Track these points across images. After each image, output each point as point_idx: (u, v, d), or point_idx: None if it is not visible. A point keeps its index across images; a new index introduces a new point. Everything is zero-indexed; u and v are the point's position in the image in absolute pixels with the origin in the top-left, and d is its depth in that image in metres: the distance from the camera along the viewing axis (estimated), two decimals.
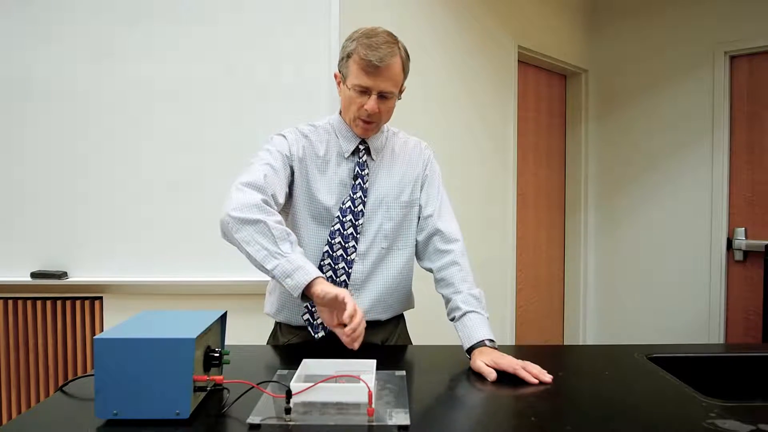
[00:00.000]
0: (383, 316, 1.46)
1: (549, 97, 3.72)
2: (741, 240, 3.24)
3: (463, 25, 2.87)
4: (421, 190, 1.49)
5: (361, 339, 1.15)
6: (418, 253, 1.50)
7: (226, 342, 1.20)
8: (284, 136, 1.41)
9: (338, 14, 2.16)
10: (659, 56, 3.51)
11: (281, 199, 1.33)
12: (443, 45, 2.76)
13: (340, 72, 1.40)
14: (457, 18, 2.83)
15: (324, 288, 1.15)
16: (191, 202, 2.17)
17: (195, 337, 0.95)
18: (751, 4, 3.19)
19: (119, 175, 2.17)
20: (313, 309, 1.39)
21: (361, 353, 1.18)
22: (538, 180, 3.63)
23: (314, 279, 1.16)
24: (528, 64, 3.45)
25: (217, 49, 2.17)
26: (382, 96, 1.35)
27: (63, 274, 2.16)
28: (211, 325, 1.07)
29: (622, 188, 3.71)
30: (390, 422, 0.93)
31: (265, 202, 1.23)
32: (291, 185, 1.40)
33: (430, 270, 1.46)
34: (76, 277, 2.17)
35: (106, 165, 2.17)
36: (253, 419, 0.94)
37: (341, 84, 1.40)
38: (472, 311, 1.33)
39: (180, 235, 2.17)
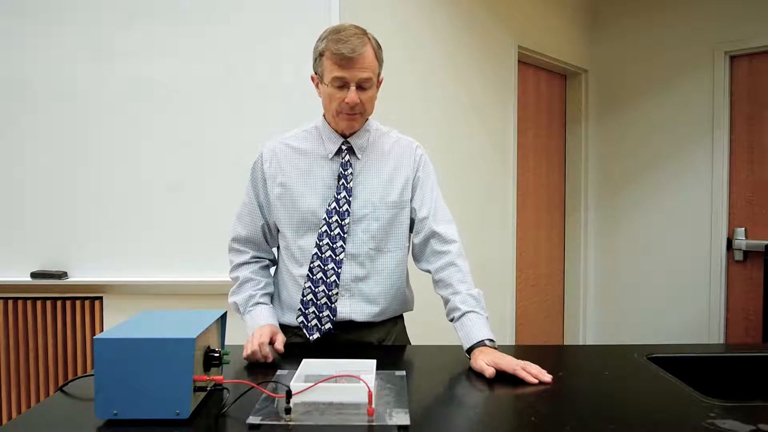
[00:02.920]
0: (376, 319, 1.46)
1: (549, 97, 3.72)
2: (741, 240, 3.24)
3: (463, 25, 2.87)
4: (413, 191, 1.47)
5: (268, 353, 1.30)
6: (416, 255, 1.49)
7: (226, 342, 1.20)
8: (261, 154, 1.48)
9: (338, 14, 2.16)
10: (659, 56, 3.51)
11: (260, 233, 1.50)
12: (443, 45, 2.76)
13: (315, 73, 1.41)
14: (457, 18, 2.83)
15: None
16: (191, 202, 2.17)
17: (195, 337, 0.95)
18: (751, 4, 3.19)
19: (119, 175, 2.17)
20: (306, 312, 1.40)
21: (360, 353, 1.19)
22: (538, 180, 3.63)
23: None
24: (528, 64, 3.45)
25: (217, 49, 2.17)
26: (361, 87, 1.35)
27: (63, 274, 2.16)
28: (211, 325, 1.07)
29: (622, 188, 3.70)
30: (390, 422, 0.93)
31: (242, 264, 1.51)
32: (277, 198, 1.45)
33: (428, 271, 1.46)
34: (76, 277, 2.17)
35: (106, 165, 2.17)
36: (253, 419, 0.94)
37: (319, 85, 1.41)
38: (471, 311, 1.32)
39: (180, 235, 2.17)
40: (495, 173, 3.13)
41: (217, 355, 1.05)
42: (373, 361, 1.13)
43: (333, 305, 1.40)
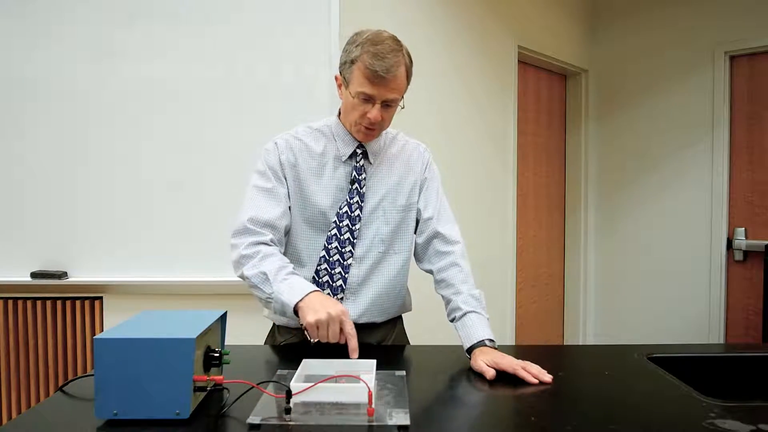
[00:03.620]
0: (379, 319, 1.46)
1: (549, 97, 3.72)
2: (741, 240, 3.24)
3: (463, 25, 2.87)
4: (419, 193, 1.48)
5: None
6: (418, 255, 1.49)
7: (226, 342, 1.20)
8: (276, 144, 1.42)
9: (338, 14, 2.16)
10: (659, 56, 3.51)
11: (282, 220, 1.37)
12: (443, 45, 2.76)
13: (341, 75, 1.37)
14: (457, 18, 2.83)
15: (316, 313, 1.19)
16: (191, 202, 2.17)
17: (195, 337, 0.94)
18: (751, 4, 3.19)
19: (119, 175, 2.17)
20: None
21: (360, 353, 1.18)
22: (538, 180, 3.63)
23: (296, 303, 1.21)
24: (528, 64, 3.45)
25: (217, 49, 2.17)
26: (386, 104, 1.33)
27: (63, 274, 2.16)
28: (211, 325, 1.06)
29: (622, 188, 3.71)
30: (390, 422, 0.93)
31: (261, 243, 1.31)
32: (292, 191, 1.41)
33: (430, 272, 1.46)
34: (76, 277, 2.17)
35: (106, 165, 2.16)
36: (253, 419, 0.94)
37: (342, 87, 1.38)
38: (472, 311, 1.33)
39: (180, 235, 2.17)
40: (495, 173, 3.13)
41: (217, 355, 1.05)
42: (373, 361, 1.12)
43: None
